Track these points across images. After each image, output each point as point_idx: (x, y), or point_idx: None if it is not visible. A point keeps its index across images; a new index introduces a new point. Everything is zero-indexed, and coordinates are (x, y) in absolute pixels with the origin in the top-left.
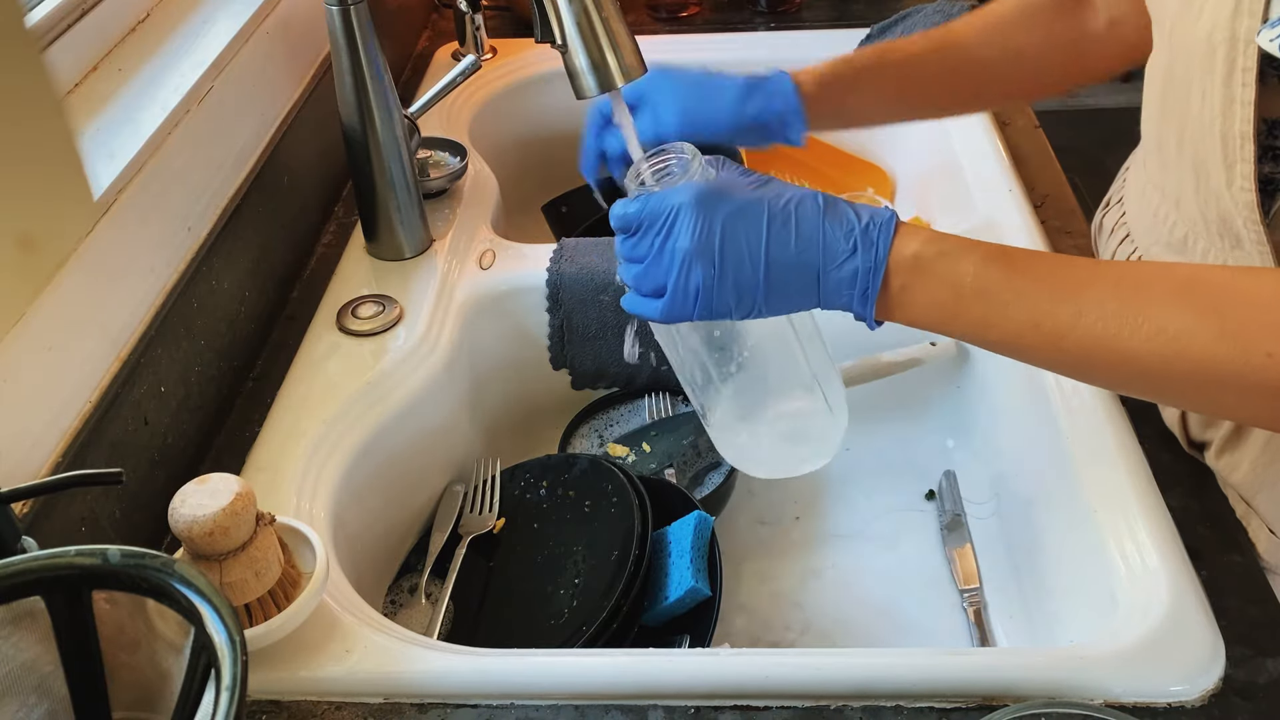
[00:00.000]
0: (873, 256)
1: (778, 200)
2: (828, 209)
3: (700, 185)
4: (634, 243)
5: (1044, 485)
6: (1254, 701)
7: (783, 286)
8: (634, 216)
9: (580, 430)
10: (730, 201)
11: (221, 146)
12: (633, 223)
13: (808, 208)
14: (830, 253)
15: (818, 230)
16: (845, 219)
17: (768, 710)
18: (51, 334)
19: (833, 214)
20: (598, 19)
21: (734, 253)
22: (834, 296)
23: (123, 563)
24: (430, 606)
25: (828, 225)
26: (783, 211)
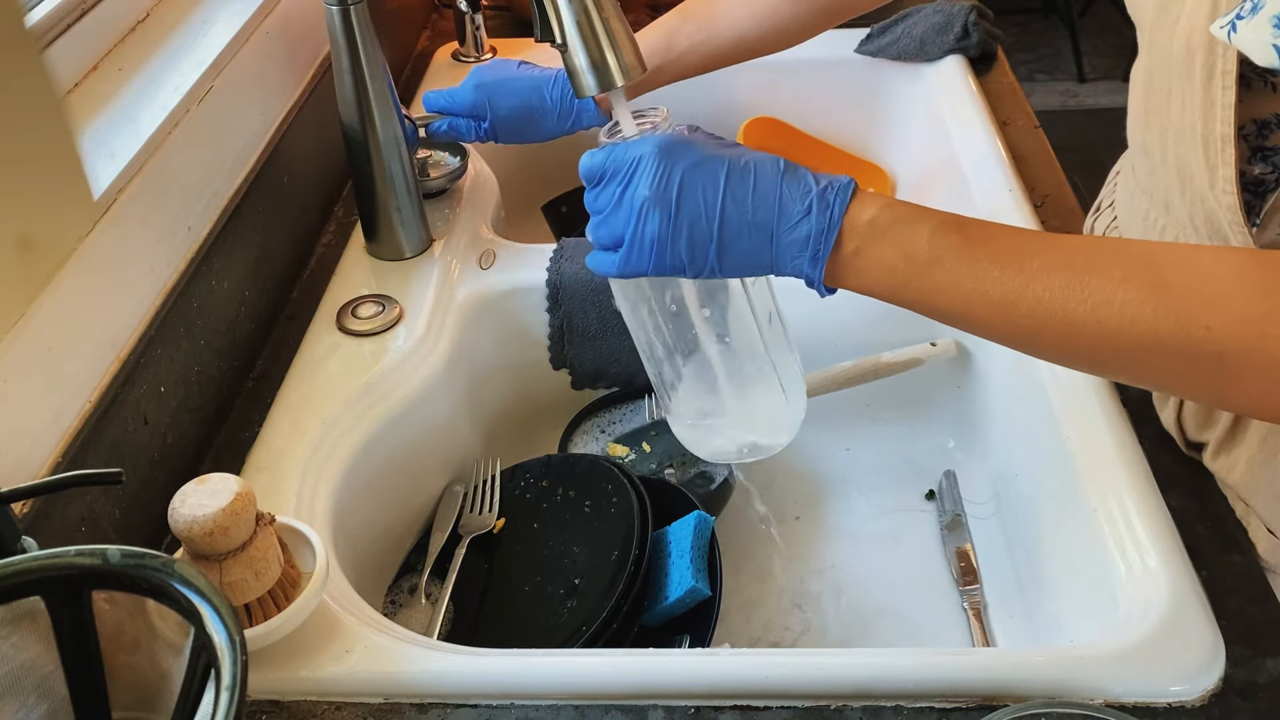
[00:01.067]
0: (827, 219)
1: (739, 158)
2: (787, 171)
3: (664, 137)
4: (597, 193)
5: (1044, 485)
6: (1254, 701)
7: (736, 244)
8: (599, 166)
9: (580, 430)
10: (691, 154)
11: (221, 146)
12: (597, 172)
13: (767, 168)
14: (785, 213)
15: (774, 190)
16: (803, 182)
17: (768, 710)
18: (51, 334)
19: (791, 176)
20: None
21: (690, 204)
22: (786, 258)
23: (123, 563)
24: (430, 606)
25: (785, 186)
26: (742, 169)
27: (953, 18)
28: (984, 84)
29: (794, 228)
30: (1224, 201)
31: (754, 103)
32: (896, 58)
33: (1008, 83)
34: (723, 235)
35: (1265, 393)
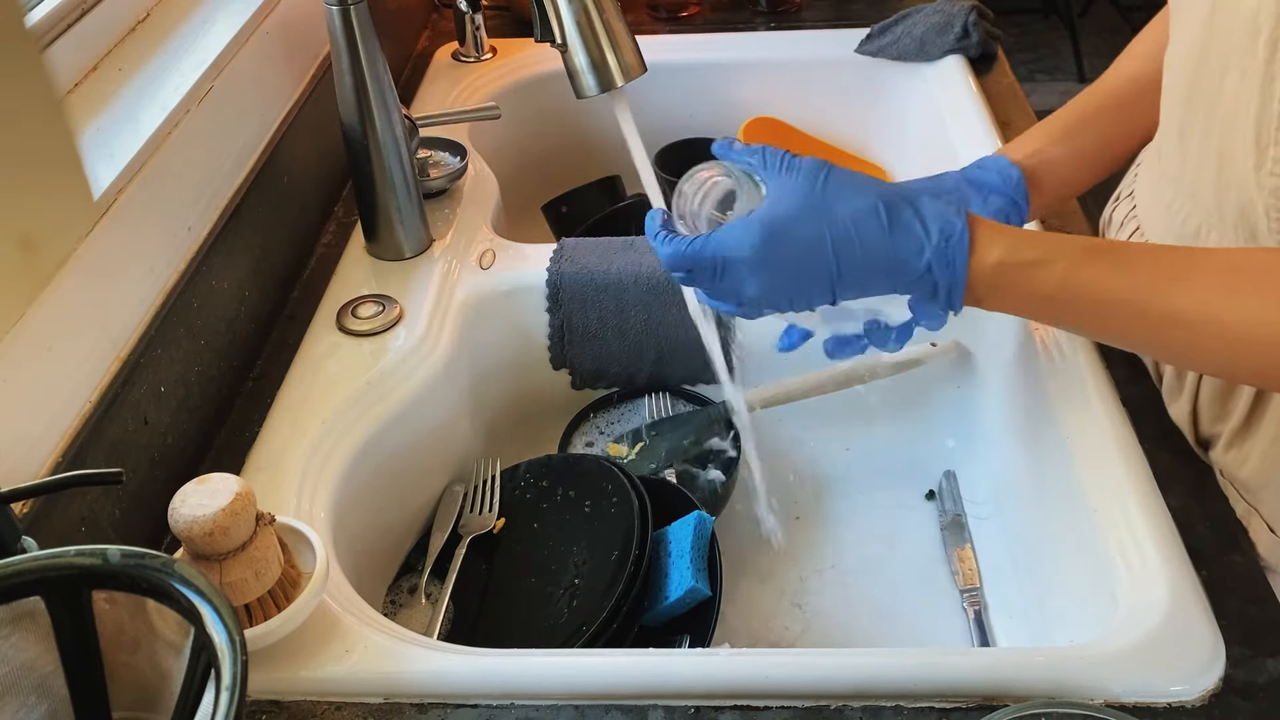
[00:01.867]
0: (949, 275)
1: (837, 226)
2: (894, 225)
3: (745, 231)
4: (688, 277)
5: (1044, 485)
6: (1254, 701)
7: (858, 294)
8: (680, 260)
9: (580, 430)
10: (785, 244)
11: (221, 146)
12: (680, 266)
13: (871, 230)
14: (904, 271)
15: (885, 251)
16: (913, 235)
17: (768, 710)
18: (51, 334)
19: (900, 228)
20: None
21: (800, 291)
22: (914, 306)
23: (123, 563)
24: (430, 606)
25: (896, 242)
26: (845, 239)
27: (953, 18)
28: (984, 84)
29: (915, 285)
30: (1268, 185)
31: (754, 103)
32: (897, 58)
33: (1008, 83)
34: (841, 296)
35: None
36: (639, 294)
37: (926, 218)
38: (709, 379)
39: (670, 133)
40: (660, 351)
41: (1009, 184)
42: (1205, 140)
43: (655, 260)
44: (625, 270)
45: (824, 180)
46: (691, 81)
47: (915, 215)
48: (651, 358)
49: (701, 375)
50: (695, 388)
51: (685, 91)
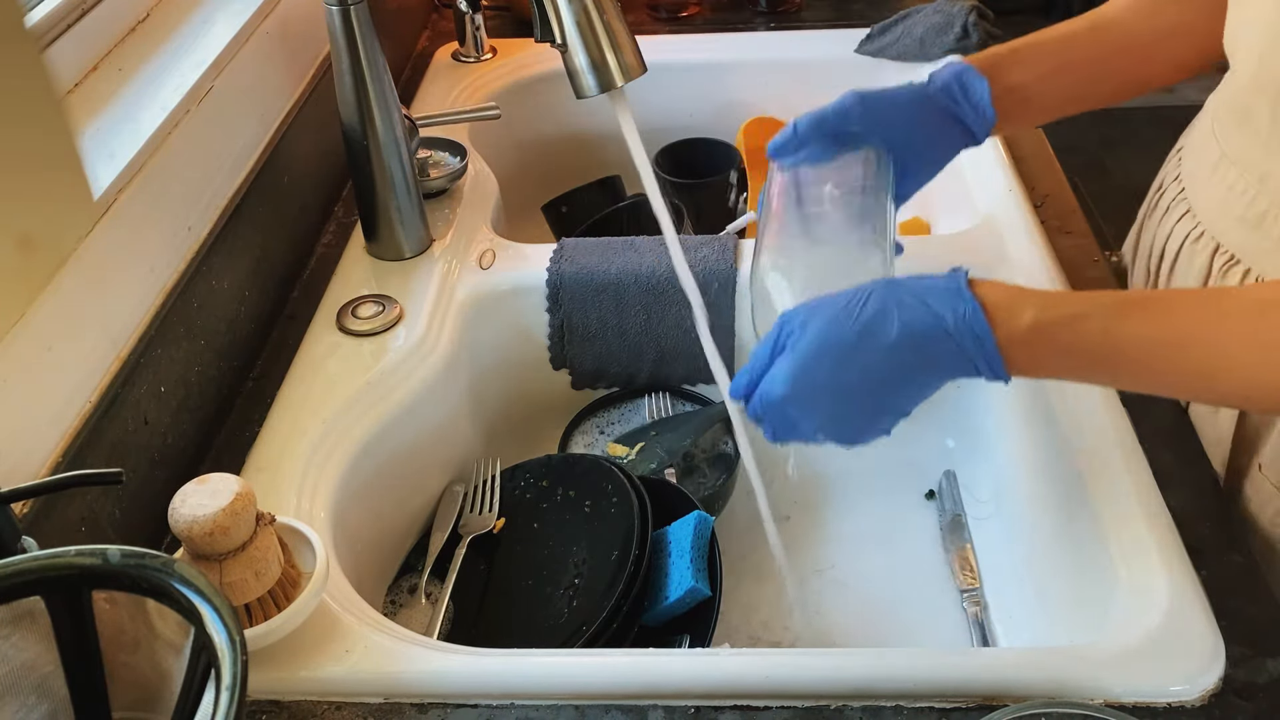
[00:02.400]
0: (983, 350)
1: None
2: (903, 341)
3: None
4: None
5: (1044, 485)
6: (1254, 701)
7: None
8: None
9: (580, 430)
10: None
11: (221, 146)
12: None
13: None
14: (938, 369)
15: (910, 370)
16: (932, 337)
17: (768, 710)
18: (51, 334)
19: (913, 350)
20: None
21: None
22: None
23: (123, 563)
24: (430, 606)
25: (918, 352)
26: (863, 380)
27: (953, 18)
28: None
29: (954, 369)
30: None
31: (754, 103)
32: (896, 58)
33: None
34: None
35: None
36: (639, 294)
37: (931, 301)
38: (709, 379)
39: (670, 133)
40: (660, 351)
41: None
42: (1274, 123)
43: (655, 260)
44: (625, 270)
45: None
46: (691, 81)
47: (921, 307)
48: (651, 358)
49: (701, 375)
50: (695, 388)
51: (685, 91)
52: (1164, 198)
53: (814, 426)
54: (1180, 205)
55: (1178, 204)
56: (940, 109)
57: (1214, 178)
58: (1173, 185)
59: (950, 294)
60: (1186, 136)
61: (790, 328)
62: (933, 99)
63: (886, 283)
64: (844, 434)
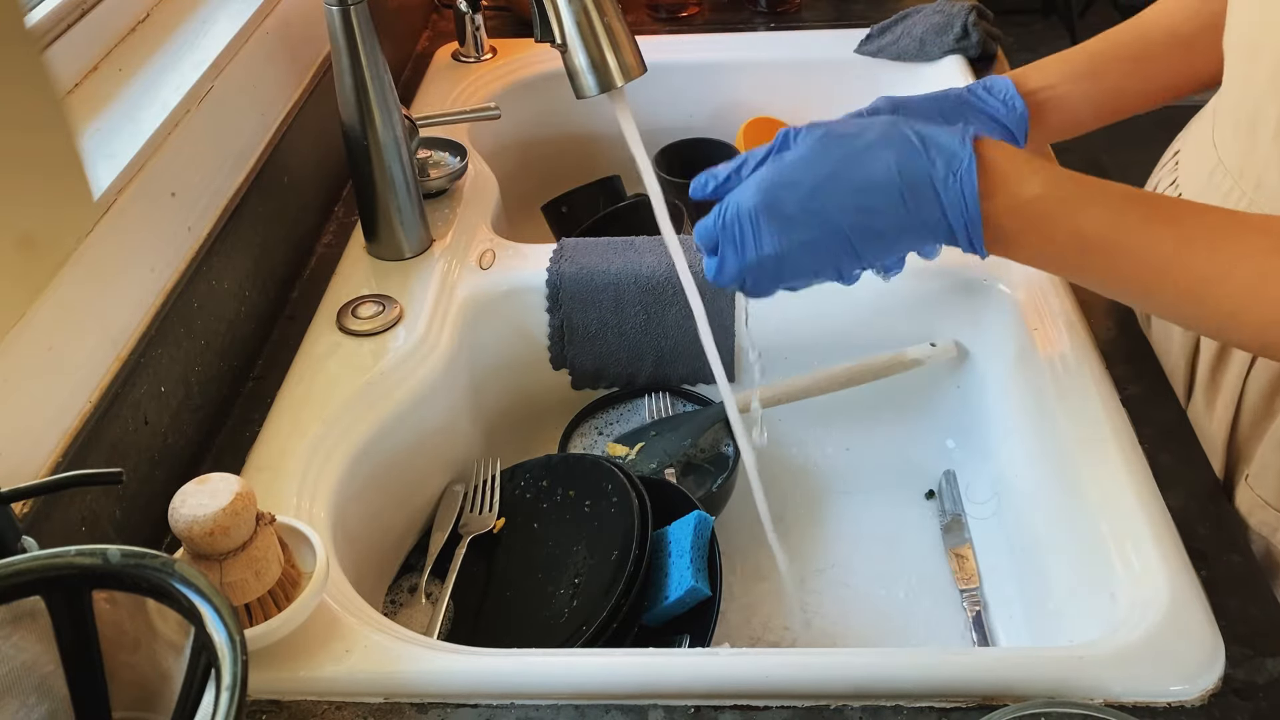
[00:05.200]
0: (965, 209)
1: (842, 161)
2: (891, 178)
3: (753, 181)
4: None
5: (1044, 485)
6: (1254, 701)
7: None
8: (703, 231)
9: (580, 430)
10: (792, 187)
11: (221, 146)
12: (704, 236)
13: (877, 161)
14: (917, 221)
15: (896, 188)
16: (920, 182)
17: (768, 710)
18: (51, 334)
19: (901, 186)
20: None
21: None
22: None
23: (123, 563)
24: (430, 606)
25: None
26: (849, 173)
27: (953, 18)
28: None
29: (932, 225)
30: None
31: (754, 103)
32: (896, 58)
33: None
34: (861, 247)
35: None
36: (639, 294)
37: (930, 147)
38: (709, 379)
39: (670, 133)
40: (660, 351)
41: (1012, 115)
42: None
43: (655, 260)
44: (625, 270)
45: (825, 131)
46: (691, 81)
47: (921, 152)
48: (651, 358)
49: (701, 375)
50: (695, 388)
51: (685, 91)
52: None
53: (771, 248)
54: None
55: None
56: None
57: (1209, 183)
58: (1169, 190)
59: (952, 144)
60: (1182, 140)
61: (784, 141)
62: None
63: (893, 120)
64: (800, 265)
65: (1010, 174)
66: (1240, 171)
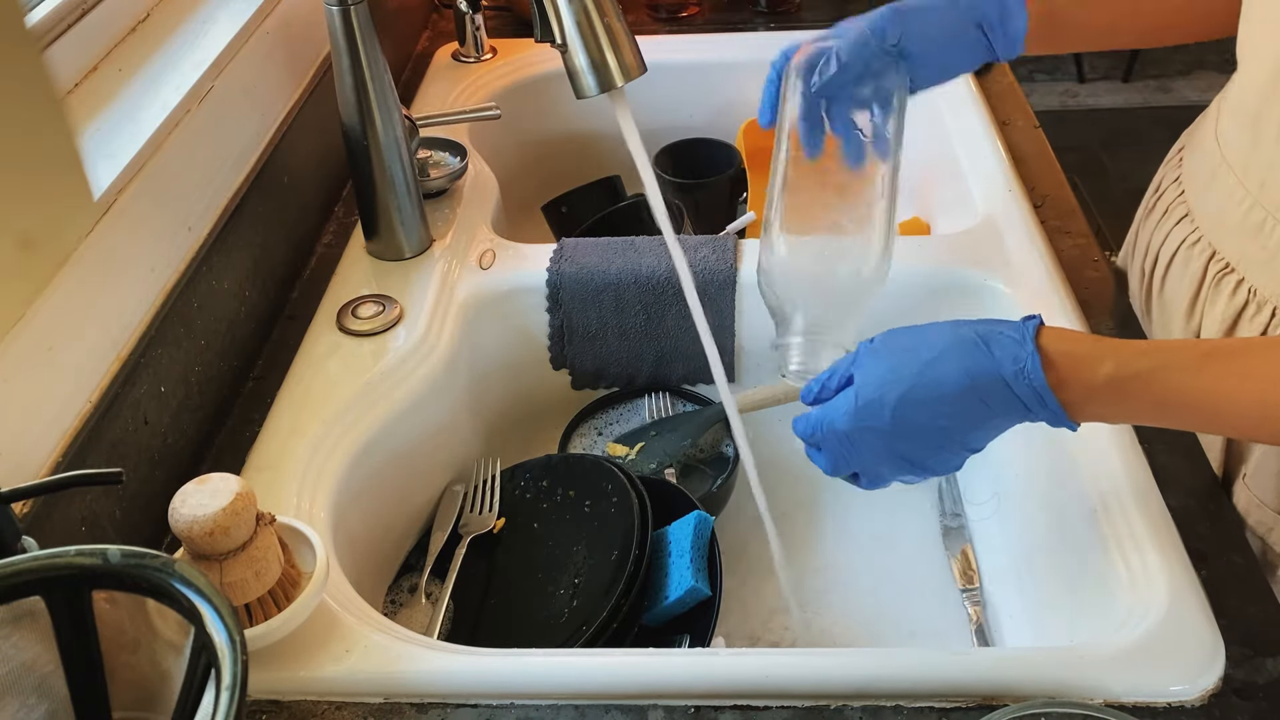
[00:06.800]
0: (1041, 402)
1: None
2: (963, 388)
3: (848, 406)
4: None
5: (1044, 485)
6: (1254, 701)
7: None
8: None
9: (580, 430)
10: (878, 410)
11: (221, 146)
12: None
13: (942, 400)
14: (1003, 414)
15: (979, 412)
16: (992, 385)
17: (768, 710)
18: (51, 334)
19: (975, 391)
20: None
21: (919, 448)
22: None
23: (123, 563)
24: (430, 606)
25: (979, 398)
26: (928, 422)
27: None
28: (984, 84)
29: (1019, 417)
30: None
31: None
32: None
33: (1008, 83)
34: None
35: None
36: (639, 294)
37: (994, 347)
38: (709, 379)
39: (670, 133)
40: (660, 351)
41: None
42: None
43: (655, 260)
44: (625, 270)
45: (890, 346)
46: (691, 81)
47: (986, 345)
48: (651, 358)
49: (701, 375)
50: (695, 388)
51: (685, 91)
52: (1162, 200)
53: (876, 461)
54: (1179, 208)
55: (1176, 207)
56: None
57: (1214, 182)
58: (1172, 187)
59: (1014, 343)
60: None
61: (860, 355)
62: (966, 11)
63: (955, 324)
64: (908, 470)
65: (1079, 361)
66: (1244, 170)
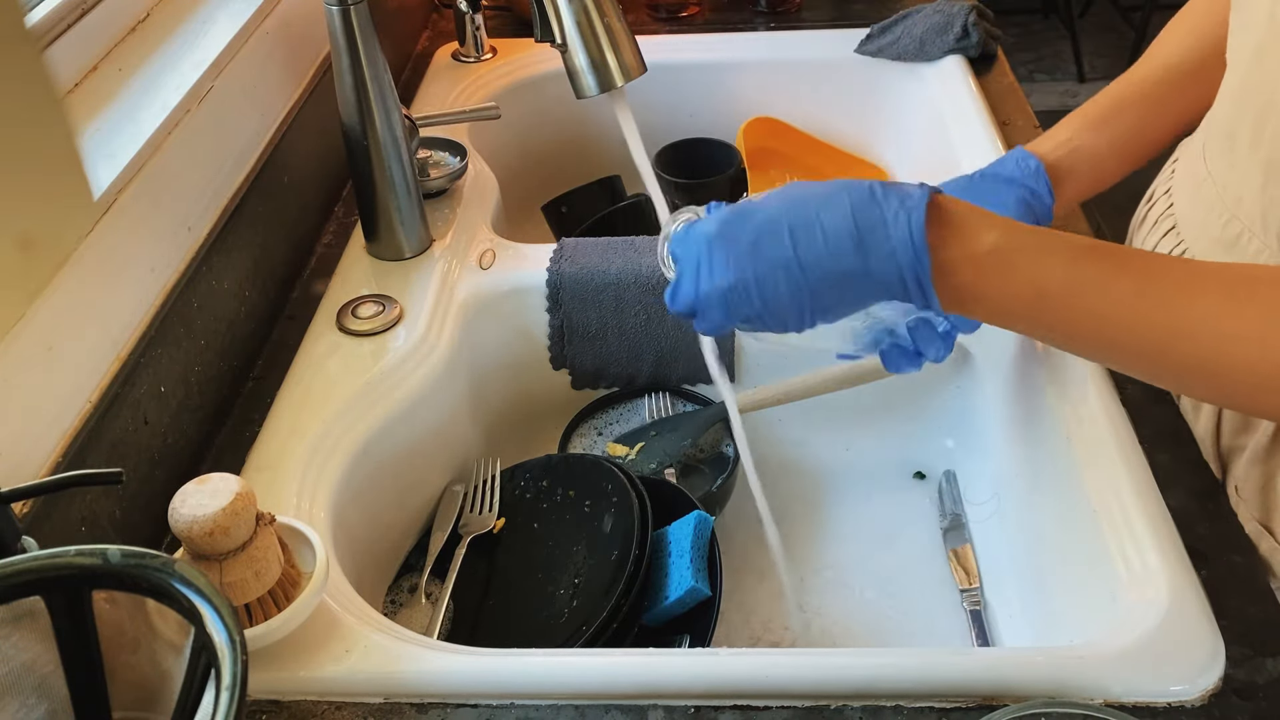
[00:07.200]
0: (913, 254)
1: (793, 210)
2: (854, 208)
3: (710, 217)
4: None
5: (1044, 485)
6: (1254, 701)
7: (828, 298)
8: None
9: (580, 430)
10: (741, 226)
11: (221, 146)
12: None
13: (830, 212)
14: (868, 271)
15: (846, 232)
16: (869, 225)
17: (768, 710)
18: (51, 334)
19: (861, 210)
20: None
21: (764, 286)
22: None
23: (123, 563)
24: (430, 606)
25: (857, 221)
26: (802, 222)
27: (953, 18)
28: (984, 84)
29: (883, 275)
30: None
31: (754, 103)
32: (896, 58)
33: (1008, 83)
34: (811, 297)
35: None
36: (639, 294)
37: (888, 194)
38: (709, 379)
39: (670, 133)
40: (660, 351)
41: (1026, 174)
42: (1254, 148)
43: (655, 260)
44: (625, 270)
45: (785, 186)
46: (691, 81)
47: (875, 195)
48: (651, 358)
49: (701, 375)
50: (695, 388)
51: (685, 91)
52: (1154, 209)
53: (723, 279)
54: (1167, 220)
55: (1165, 219)
56: (988, 177)
57: (1198, 194)
58: (1163, 199)
59: (907, 193)
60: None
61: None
62: (980, 173)
63: (858, 180)
64: (749, 300)
65: (966, 224)
66: (1225, 184)
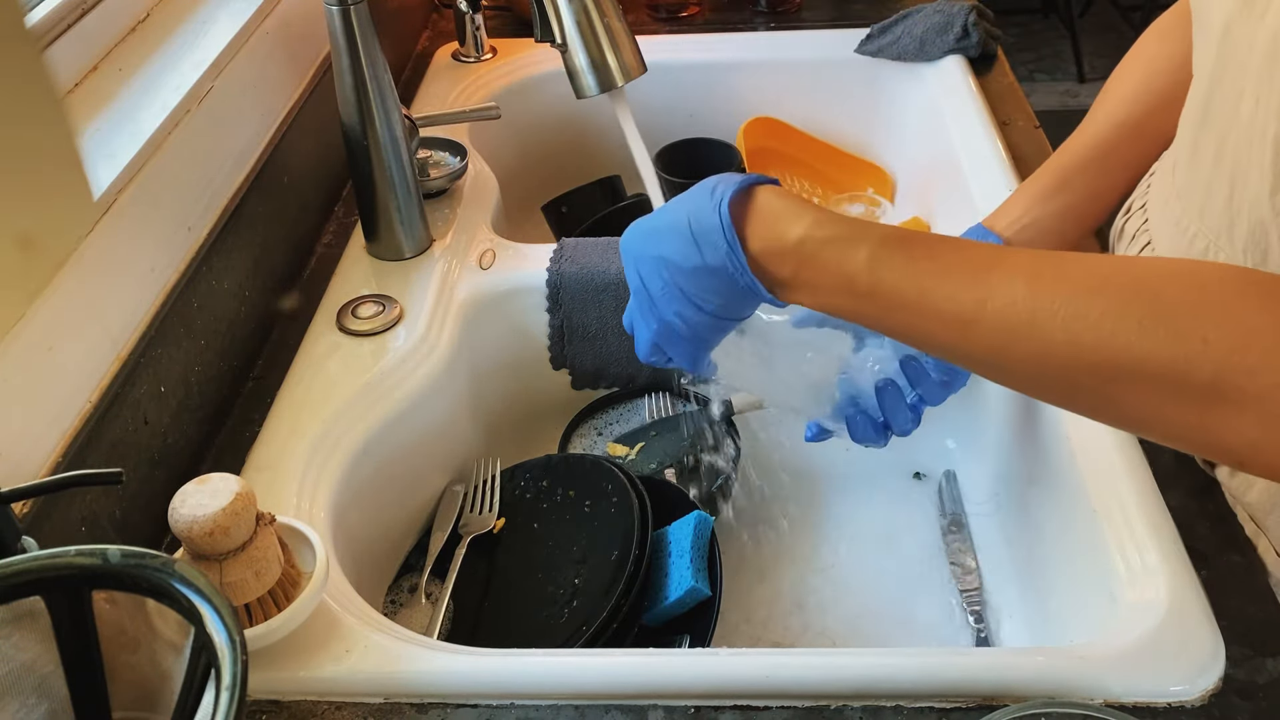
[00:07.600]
0: (728, 243)
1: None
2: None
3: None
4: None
5: (1044, 485)
6: (1254, 701)
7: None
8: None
9: (580, 430)
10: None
11: (221, 146)
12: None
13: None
14: (708, 266)
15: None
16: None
17: (768, 710)
18: (51, 334)
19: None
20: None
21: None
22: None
23: (123, 563)
24: (430, 606)
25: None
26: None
27: (953, 18)
28: (984, 84)
29: (718, 267)
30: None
31: (754, 103)
32: (896, 58)
33: (1008, 83)
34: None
35: (1263, 430)
36: None
37: (714, 190)
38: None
39: (670, 133)
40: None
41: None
42: (1217, 162)
43: None
44: None
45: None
46: (691, 81)
47: (711, 189)
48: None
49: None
50: (695, 388)
51: (685, 91)
52: (1130, 222)
53: (633, 283)
54: (1144, 235)
55: (1141, 232)
56: None
57: (1166, 209)
58: (1139, 212)
59: (725, 188)
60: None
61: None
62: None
63: (719, 176)
64: (647, 301)
65: (778, 216)
66: (1189, 195)
